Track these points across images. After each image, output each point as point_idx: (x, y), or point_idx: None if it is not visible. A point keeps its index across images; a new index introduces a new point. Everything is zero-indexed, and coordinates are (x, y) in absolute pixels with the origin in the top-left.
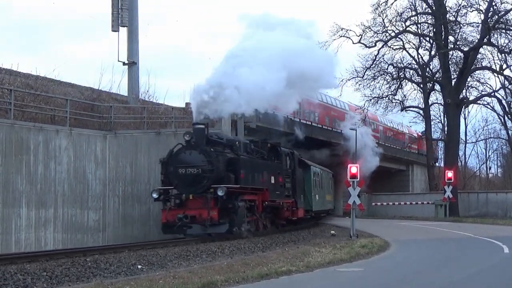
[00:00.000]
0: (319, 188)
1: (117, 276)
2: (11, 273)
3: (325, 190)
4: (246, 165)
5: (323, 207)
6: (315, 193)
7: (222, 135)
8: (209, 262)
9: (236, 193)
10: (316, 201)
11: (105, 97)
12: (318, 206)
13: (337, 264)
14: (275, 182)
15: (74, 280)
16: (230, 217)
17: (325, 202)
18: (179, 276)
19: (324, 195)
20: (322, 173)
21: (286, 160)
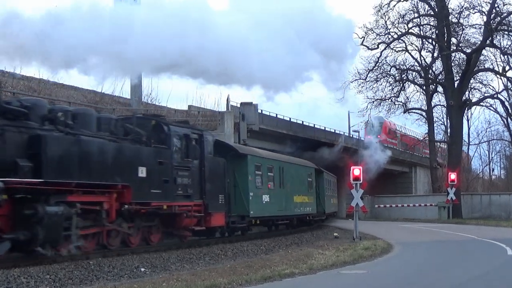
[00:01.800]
0: (279, 186)
1: (120, 279)
2: (14, 276)
3: (295, 191)
4: (61, 147)
5: (287, 212)
6: (260, 193)
7: (43, 102)
8: (212, 264)
9: (45, 192)
10: (262, 205)
11: (108, 100)
12: (269, 210)
13: (340, 267)
14: (150, 176)
15: (78, 283)
16: (31, 229)
17: (294, 206)
18: (182, 279)
19: (291, 196)
20: (290, 168)
21: (182, 145)
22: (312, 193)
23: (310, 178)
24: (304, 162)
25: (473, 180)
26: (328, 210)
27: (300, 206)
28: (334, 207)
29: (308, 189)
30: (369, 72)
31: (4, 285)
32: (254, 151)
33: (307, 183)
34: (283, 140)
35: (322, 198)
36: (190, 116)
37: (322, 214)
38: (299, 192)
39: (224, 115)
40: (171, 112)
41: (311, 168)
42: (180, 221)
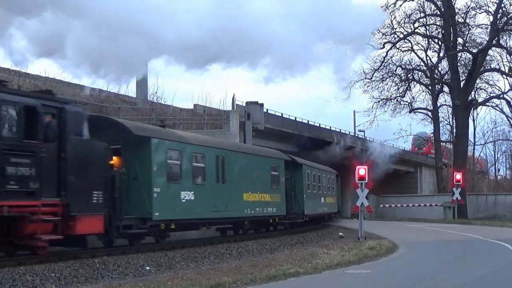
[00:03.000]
0: (215, 181)
1: (125, 278)
2: (20, 274)
3: (246, 187)
4: None
5: (231, 213)
6: (175, 189)
7: None
8: (217, 263)
9: None
10: (179, 204)
11: (113, 98)
12: (192, 211)
13: (345, 266)
14: None
15: (83, 281)
16: None
17: (244, 206)
18: (187, 278)
19: (239, 194)
20: (238, 159)
21: (20, 120)
22: (279, 190)
23: (276, 172)
24: (269, 151)
25: (479, 180)
26: (313, 211)
27: (255, 206)
28: (329, 207)
29: (272, 185)
30: (374, 72)
31: (9, 283)
32: (165, 133)
33: (270, 177)
34: (289, 139)
35: (299, 196)
36: (196, 115)
37: (299, 215)
38: (255, 188)
39: (229, 114)
40: (177, 110)
41: (279, 160)
42: (22, 227)
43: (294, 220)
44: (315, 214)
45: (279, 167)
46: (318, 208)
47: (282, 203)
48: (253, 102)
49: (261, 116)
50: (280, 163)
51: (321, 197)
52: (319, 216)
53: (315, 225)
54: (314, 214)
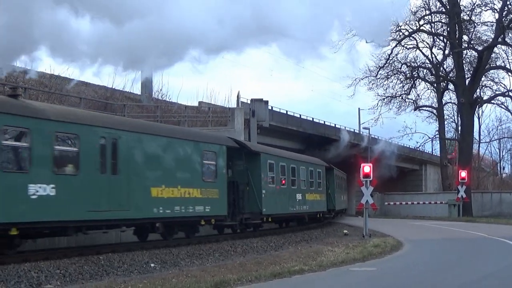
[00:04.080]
0: (120, 171)
1: (130, 275)
2: (25, 271)
3: (177, 178)
4: None
5: (139, 213)
6: (25, 181)
7: None
8: (222, 261)
9: None
10: (32, 201)
11: (118, 95)
12: (57, 211)
13: (350, 264)
14: None
15: (88, 278)
16: None
17: (163, 202)
18: (192, 275)
19: (153, 184)
20: (166, 146)
21: None
22: (216, 184)
23: (213, 161)
24: (201, 134)
25: (484, 178)
26: (278, 210)
27: (173, 205)
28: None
29: (204, 177)
30: (379, 69)
31: (14, 279)
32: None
33: (201, 168)
34: (294, 137)
35: (255, 192)
36: (201, 112)
37: (256, 215)
38: (173, 182)
39: (234, 112)
40: (182, 108)
41: (217, 146)
42: None
43: (248, 221)
44: (283, 214)
45: (217, 155)
46: (290, 207)
47: (220, 200)
48: (258, 100)
49: (266, 114)
50: (220, 149)
51: (296, 194)
52: (293, 216)
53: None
54: (280, 215)
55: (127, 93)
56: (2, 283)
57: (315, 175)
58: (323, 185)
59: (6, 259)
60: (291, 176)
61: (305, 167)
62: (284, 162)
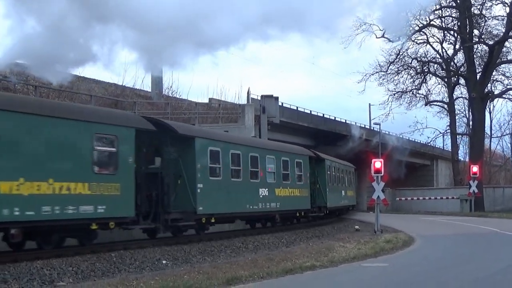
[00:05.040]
0: None
1: (142, 271)
2: (37, 268)
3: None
4: None
5: None
6: None
7: None
8: (233, 257)
9: None
10: None
11: (128, 93)
12: None
13: (362, 260)
14: None
15: (100, 275)
16: None
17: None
18: (204, 271)
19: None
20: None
21: None
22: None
23: (112, 147)
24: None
25: (496, 172)
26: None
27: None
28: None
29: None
30: (390, 65)
31: (27, 277)
32: None
33: (91, 155)
34: (304, 133)
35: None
36: (211, 109)
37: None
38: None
39: (244, 108)
40: (192, 104)
41: (119, 128)
42: None
43: (177, 223)
44: (234, 213)
45: (120, 139)
46: (248, 205)
47: (123, 197)
48: (268, 96)
49: (276, 110)
50: (125, 133)
51: (259, 188)
52: (254, 215)
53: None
54: (228, 214)
55: (137, 90)
56: (15, 280)
57: (291, 166)
58: (306, 178)
59: (18, 256)
60: (251, 167)
61: (275, 156)
62: (238, 149)
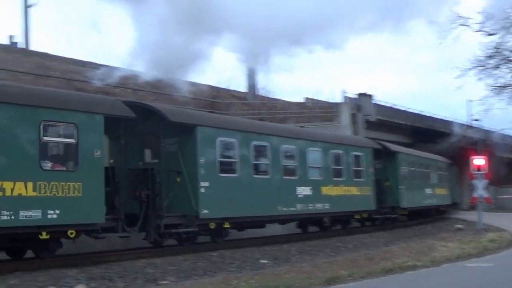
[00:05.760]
0: None
1: (242, 271)
2: (141, 267)
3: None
4: None
5: None
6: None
7: None
8: (333, 256)
9: None
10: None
11: (224, 94)
12: None
13: (465, 259)
14: None
15: (201, 274)
16: None
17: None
18: (303, 271)
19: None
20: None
21: None
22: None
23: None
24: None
25: None
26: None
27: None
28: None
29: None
30: (488, 59)
31: (131, 275)
32: None
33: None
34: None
35: None
36: (305, 108)
37: None
38: None
39: (340, 107)
40: (287, 104)
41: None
42: None
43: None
44: (252, 218)
45: (80, 127)
46: (279, 206)
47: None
48: (363, 94)
49: (371, 108)
50: (90, 120)
51: (297, 186)
52: (286, 219)
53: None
54: (240, 220)
55: (232, 91)
56: (121, 278)
57: (346, 160)
58: (368, 174)
59: (122, 255)
60: (285, 162)
61: (321, 148)
62: (264, 140)
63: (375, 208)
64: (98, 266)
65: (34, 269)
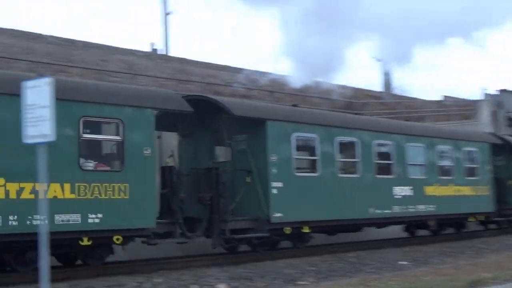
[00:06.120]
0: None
1: (380, 272)
2: (280, 267)
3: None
4: None
5: None
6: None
7: None
8: (474, 258)
9: None
10: None
11: (359, 94)
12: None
13: None
14: None
15: (339, 275)
16: None
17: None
18: (444, 273)
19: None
20: None
21: None
22: None
23: None
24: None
25: None
26: None
27: None
28: None
29: None
30: None
31: (271, 275)
32: None
33: None
34: None
35: None
36: (443, 106)
37: None
38: None
39: (479, 104)
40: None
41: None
42: None
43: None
44: (331, 222)
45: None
46: (369, 208)
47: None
48: (505, 90)
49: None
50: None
51: (393, 186)
52: (380, 222)
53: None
54: (321, 223)
55: (367, 91)
56: (261, 278)
57: (456, 157)
58: (485, 171)
59: (261, 256)
60: (378, 159)
61: (424, 143)
62: (352, 135)
63: (494, 210)
64: (239, 266)
65: (178, 268)
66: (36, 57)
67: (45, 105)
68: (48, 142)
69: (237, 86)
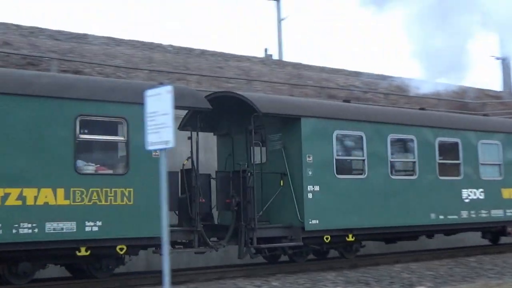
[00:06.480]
0: None
1: (503, 277)
2: (397, 271)
3: None
4: None
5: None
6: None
7: None
8: None
9: None
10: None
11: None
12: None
13: None
14: None
15: (459, 280)
16: None
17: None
18: None
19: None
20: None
21: None
22: None
23: None
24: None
25: None
26: None
27: None
28: None
29: None
30: None
31: (387, 279)
32: None
33: None
34: None
35: None
36: None
37: None
38: None
39: None
40: None
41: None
42: None
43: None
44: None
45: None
46: (432, 213)
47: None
48: None
49: None
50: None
51: (463, 189)
52: (449, 229)
53: None
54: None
55: (485, 90)
56: (377, 283)
57: None
58: None
59: (379, 260)
60: (442, 158)
61: (501, 141)
62: (407, 132)
63: None
64: (356, 270)
65: (294, 271)
66: (154, 66)
67: (165, 113)
68: (169, 148)
69: (353, 89)
